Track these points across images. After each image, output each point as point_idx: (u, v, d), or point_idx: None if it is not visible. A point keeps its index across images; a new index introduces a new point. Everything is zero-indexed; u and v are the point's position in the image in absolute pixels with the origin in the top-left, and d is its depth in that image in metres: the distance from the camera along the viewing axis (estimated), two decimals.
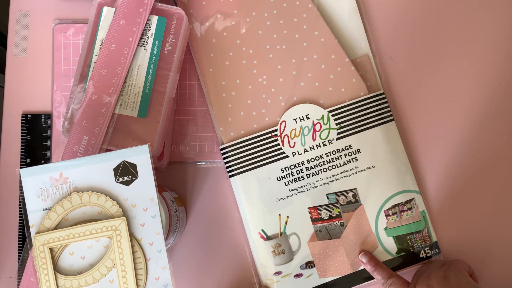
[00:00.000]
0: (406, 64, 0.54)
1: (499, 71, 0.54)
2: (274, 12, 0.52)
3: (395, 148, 0.51)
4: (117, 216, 0.38)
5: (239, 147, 0.51)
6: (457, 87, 0.54)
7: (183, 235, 0.52)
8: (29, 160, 0.52)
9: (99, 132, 0.44)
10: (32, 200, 0.38)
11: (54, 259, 0.38)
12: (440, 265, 0.46)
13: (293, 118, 0.51)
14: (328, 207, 0.50)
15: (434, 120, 0.53)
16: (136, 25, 0.45)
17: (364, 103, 0.51)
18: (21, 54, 0.54)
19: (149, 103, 0.45)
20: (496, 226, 0.52)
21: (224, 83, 0.52)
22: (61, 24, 0.53)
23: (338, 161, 0.51)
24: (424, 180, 0.52)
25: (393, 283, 0.46)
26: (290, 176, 0.50)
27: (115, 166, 0.38)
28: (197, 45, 0.52)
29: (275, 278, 0.50)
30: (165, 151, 0.50)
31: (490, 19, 0.54)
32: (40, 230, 0.38)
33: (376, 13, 0.55)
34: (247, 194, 0.50)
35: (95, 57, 0.45)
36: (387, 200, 0.50)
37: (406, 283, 0.46)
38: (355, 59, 0.53)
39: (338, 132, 0.51)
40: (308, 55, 0.52)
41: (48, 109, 0.53)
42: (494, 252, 0.51)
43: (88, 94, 0.44)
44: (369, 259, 0.49)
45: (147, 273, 0.38)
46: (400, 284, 0.46)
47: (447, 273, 0.44)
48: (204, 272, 0.51)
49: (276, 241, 0.50)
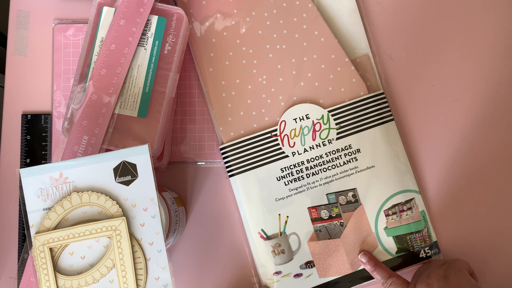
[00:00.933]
0: (406, 64, 0.54)
1: (499, 71, 0.54)
2: (274, 12, 0.52)
3: (395, 148, 0.51)
4: (117, 216, 0.38)
5: (239, 147, 0.51)
6: (457, 87, 0.54)
7: (183, 235, 0.52)
8: (29, 160, 0.52)
9: (99, 132, 0.44)
10: (32, 200, 0.38)
11: (54, 259, 0.38)
12: (440, 265, 0.46)
13: (293, 118, 0.51)
14: (328, 207, 0.50)
15: (434, 120, 0.53)
16: (136, 25, 0.45)
17: (364, 103, 0.51)
18: (21, 54, 0.54)
19: (149, 103, 0.45)
20: (496, 225, 0.52)
21: (224, 83, 0.52)
22: (61, 24, 0.53)
23: (338, 161, 0.51)
24: (424, 180, 0.52)
25: (392, 283, 0.46)
26: (290, 176, 0.50)
27: (115, 166, 0.38)
28: (197, 45, 0.52)
29: (275, 278, 0.50)
30: (165, 151, 0.50)
31: (490, 19, 0.54)
32: (40, 230, 0.38)
33: (376, 13, 0.55)
34: (247, 194, 0.50)
35: (95, 57, 0.45)
36: (387, 200, 0.50)
37: (405, 282, 0.46)
38: (355, 59, 0.53)
39: (338, 132, 0.51)
40: (308, 55, 0.52)
41: (48, 109, 0.53)
42: (494, 251, 0.51)
43: (88, 94, 0.44)
44: (369, 259, 0.49)
45: (147, 273, 0.38)
46: (399, 283, 0.46)
47: (447, 272, 0.44)
48: (204, 272, 0.51)
49: (276, 241, 0.50)
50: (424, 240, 0.51)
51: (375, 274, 0.48)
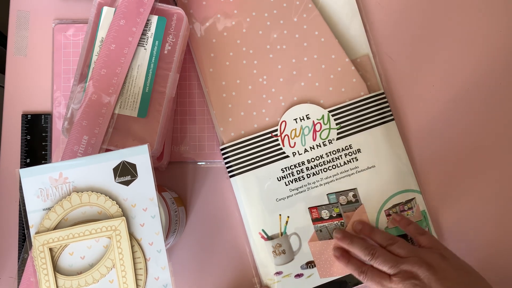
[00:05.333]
0: (406, 64, 0.54)
1: (499, 71, 0.54)
2: (274, 12, 0.52)
3: (395, 148, 0.51)
4: (116, 216, 0.38)
5: (240, 147, 0.50)
6: (457, 87, 0.54)
7: (183, 235, 0.52)
8: (29, 160, 0.52)
9: (99, 132, 0.44)
10: (31, 200, 0.38)
11: (54, 259, 0.38)
12: (425, 250, 0.44)
13: (293, 118, 0.51)
14: (329, 207, 0.50)
15: (434, 120, 0.53)
16: (136, 25, 0.45)
17: (364, 103, 0.51)
18: (21, 54, 0.54)
19: (149, 103, 0.45)
20: (496, 225, 0.52)
21: (224, 83, 0.52)
22: (61, 24, 0.53)
23: (339, 161, 0.51)
24: (424, 180, 0.52)
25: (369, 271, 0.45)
26: (290, 176, 0.50)
27: (115, 166, 0.38)
28: (197, 45, 0.52)
29: (275, 278, 0.50)
30: (165, 151, 0.50)
31: (490, 19, 0.54)
32: (40, 230, 0.38)
33: (376, 13, 0.55)
34: (248, 194, 0.50)
35: (95, 57, 0.45)
36: (387, 200, 0.50)
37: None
38: (355, 59, 0.53)
39: (338, 132, 0.51)
40: (308, 55, 0.52)
41: (48, 109, 0.53)
42: (495, 251, 0.51)
43: (88, 94, 0.44)
44: (340, 255, 0.48)
45: (146, 273, 0.38)
46: (376, 273, 0.44)
47: (444, 253, 0.43)
48: (204, 272, 0.51)
49: (276, 241, 0.50)
50: None
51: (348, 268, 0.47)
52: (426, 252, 0.44)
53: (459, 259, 0.43)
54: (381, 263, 0.44)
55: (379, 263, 0.44)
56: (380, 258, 0.44)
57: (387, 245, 0.46)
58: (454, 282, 0.41)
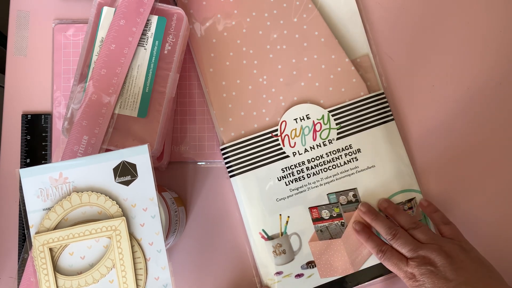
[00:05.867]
0: (406, 64, 0.54)
1: (499, 71, 0.54)
2: (274, 12, 0.52)
3: (395, 148, 0.51)
4: (116, 216, 0.38)
5: (240, 147, 0.50)
6: (457, 87, 0.54)
7: (183, 235, 0.52)
8: (29, 160, 0.52)
9: (99, 132, 0.44)
10: (31, 200, 0.38)
11: (54, 259, 0.37)
12: (446, 240, 0.44)
13: (293, 118, 0.51)
14: (329, 206, 0.50)
15: (434, 120, 0.53)
16: (136, 25, 0.45)
17: (364, 103, 0.51)
18: (21, 54, 0.54)
19: (149, 103, 0.45)
20: (497, 225, 0.52)
21: (225, 83, 0.52)
22: (61, 24, 0.53)
23: (339, 160, 0.51)
24: (424, 180, 0.52)
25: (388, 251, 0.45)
26: (290, 176, 0.50)
27: (115, 166, 0.38)
28: (197, 45, 0.52)
29: (276, 278, 0.50)
30: (165, 151, 0.50)
31: (490, 19, 0.54)
32: (40, 230, 0.38)
33: (376, 13, 0.55)
34: (248, 194, 0.50)
35: (95, 57, 0.45)
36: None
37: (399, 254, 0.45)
38: (355, 59, 0.53)
39: (338, 132, 0.51)
40: (308, 55, 0.52)
41: (48, 109, 0.53)
42: (496, 251, 0.51)
43: (88, 94, 0.44)
44: (361, 229, 0.48)
45: (147, 273, 0.38)
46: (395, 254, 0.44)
47: (464, 246, 0.43)
48: (204, 272, 0.51)
49: (277, 241, 0.50)
50: None
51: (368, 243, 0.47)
52: (447, 241, 0.44)
53: (478, 253, 0.43)
54: (400, 244, 0.44)
55: (399, 244, 0.44)
56: (401, 239, 0.44)
57: (409, 228, 0.46)
58: (469, 274, 0.41)
